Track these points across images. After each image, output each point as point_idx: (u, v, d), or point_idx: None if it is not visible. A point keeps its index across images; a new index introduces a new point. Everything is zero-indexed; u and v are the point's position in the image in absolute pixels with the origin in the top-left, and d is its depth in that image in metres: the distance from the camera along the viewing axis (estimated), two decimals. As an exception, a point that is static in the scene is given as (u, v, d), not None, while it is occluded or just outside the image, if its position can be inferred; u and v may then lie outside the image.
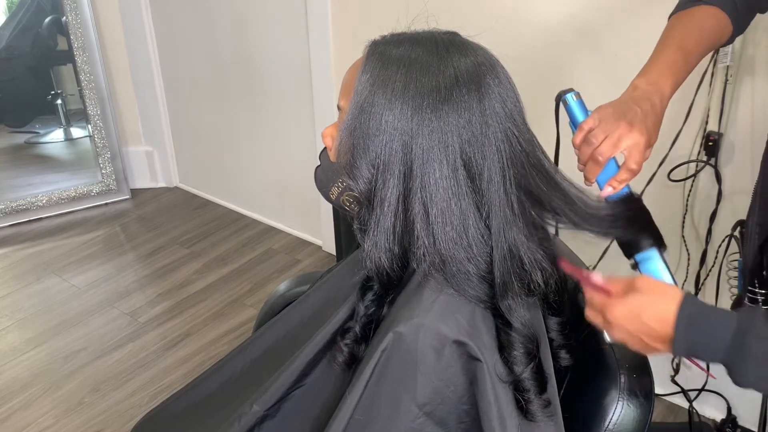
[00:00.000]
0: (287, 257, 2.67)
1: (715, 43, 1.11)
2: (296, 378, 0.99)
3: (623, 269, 1.08)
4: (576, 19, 1.73)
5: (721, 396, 1.78)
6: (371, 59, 0.85)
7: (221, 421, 1.05)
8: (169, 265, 2.64)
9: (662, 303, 0.79)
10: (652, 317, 0.79)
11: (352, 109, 0.85)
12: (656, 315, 0.79)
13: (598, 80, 1.75)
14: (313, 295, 1.13)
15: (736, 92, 1.57)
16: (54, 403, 2.02)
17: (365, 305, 0.91)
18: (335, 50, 2.29)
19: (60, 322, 2.34)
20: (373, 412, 0.86)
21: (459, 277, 0.85)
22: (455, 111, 0.81)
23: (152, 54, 2.92)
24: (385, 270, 0.88)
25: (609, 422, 0.90)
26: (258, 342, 1.16)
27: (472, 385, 0.84)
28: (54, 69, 3.20)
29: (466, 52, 0.85)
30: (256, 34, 2.54)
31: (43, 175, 3.16)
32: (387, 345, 0.84)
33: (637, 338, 0.81)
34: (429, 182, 0.82)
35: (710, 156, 1.63)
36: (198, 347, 2.21)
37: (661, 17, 1.65)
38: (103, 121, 2.97)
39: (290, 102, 2.55)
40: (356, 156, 0.85)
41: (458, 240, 0.84)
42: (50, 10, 3.00)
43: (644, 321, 0.80)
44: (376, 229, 0.86)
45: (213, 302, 2.42)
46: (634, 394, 0.91)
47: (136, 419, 1.61)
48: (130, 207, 3.05)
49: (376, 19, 2.10)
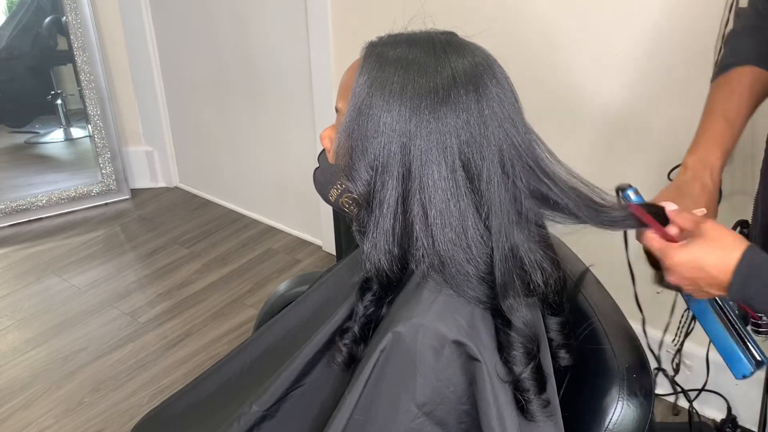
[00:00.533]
0: (287, 257, 2.67)
1: (758, 100, 1.14)
2: (295, 378, 0.99)
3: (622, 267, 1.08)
4: (575, 19, 1.73)
5: (721, 396, 1.78)
6: (368, 61, 0.85)
7: (221, 421, 1.05)
8: (169, 265, 2.64)
9: (725, 250, 0.84)
10: (713, 264, 0.84)
11: (349, 111, 0.85)
12: (717, 262, 0.84)
13: (598, 80, 1.75)
14: (313, 295, 1.13)
15: (735, 92, 1.57)
16: (54, 403, 2.02)
17: (364, 305, 0.91)
18: (335, 50, 2.29)
19: (60, 322, 2.34)
20: (373, 412, 0.86)
21: (458, 278, 0.85)
22: (453, 112, 0.81)
23: (152, 54, 2.92)
24: (384, 271, 0.88)
25: (609, 422, 0.90)
26: (257, 342, 1.16)
27: (471, 386, 0.84)
28: (54, 69, 3.19)
29: (464, 52, 0.85)
30: (256, 34, 2.54)
31: (43, 175, 3.16)
32: (386, 345, 0.84)
33: (693, 283, 0.87)
34: (428, 183, 0.82)
35: (710, 156, 1.63)
36: (198, 347, 2.21)
37: (661, 17, 1.65)
38: (103, 121, 2.97)
39: (290, 102, 2.55)
40: (354, 158, 0.85)
41: (457, 241, 0.84)
42: (50, 10, 2.99)
43: (704, 268, 0.85)
44: (375, 231, 0.86)
45: (213, 302, 2.42)
46: (634, 394, 0.91)
47: (136, 419, 1.61)
48: (130, 207, 3.05)
49: (376, 19, 2.10)
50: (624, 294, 1.09)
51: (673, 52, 1.62)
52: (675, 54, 1.62)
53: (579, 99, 1.79)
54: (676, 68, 1.63)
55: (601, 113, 1.77)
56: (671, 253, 0.87)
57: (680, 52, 1.61)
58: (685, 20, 1.58)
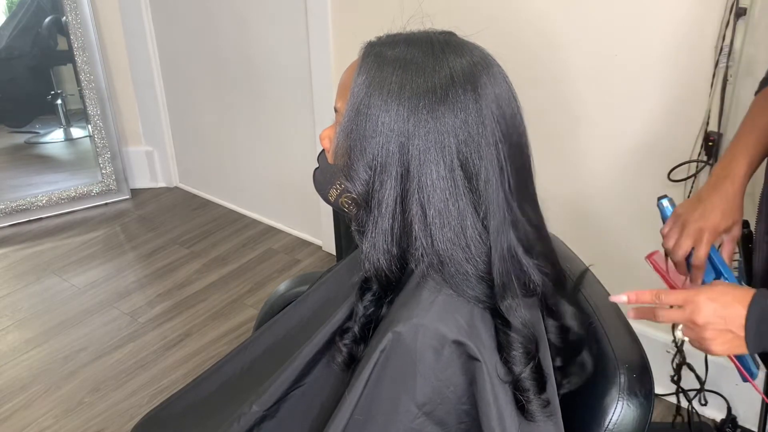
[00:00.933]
0: (287, 257, 2.67)
1: None
2: (295, 378, 0.99)
3: (622, 267, 1.08)
4: (574, 18, 1.73)
5: (721, 396, 1.78)
6: (367, 61, 0.85)
7: (221, 421, 1.05)
8: (169, 265, 2.64)
9: (734, 303, 0.85)
10: (730, 320, 0.84)
11: (348, 111, 0.85)
12: (730, 314, 0.84)
13: (598, 80, 1.75)
14: (313, 295, 1.13)
15: (736, 92, 1.57)
16: (54, 403, 2.02)
17: (364, 306, 0.91)
18: (335, 50, 2.29)
19: (60, 322, 2.34)
20: (373, 412, 0.86)
21: (457, 278, 0.85)
22: (451, 111, 0.81)
23: (152, 54, 2.92)
24: (383, 271, 0.88)
25: (609, 422, 0.90)
26: (258, 342, 1.16)
27: (471, 385, 0.84)
28: (54, 69, 3.20)
29: (462, 52, 0.85)
30: (256, 34, 2.54)
31: (43, 175, 3.16)
32: (386, 345, 0.84)
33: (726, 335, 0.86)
34: (426, 183, 0.82)
35: (710, 156, 1.63)
36: (198, 347, 2.21)
37: (661, 17, 1.65)
38: (103, 121, 2.97)
39: (290, 102, 2.55)
40: (353, 158, 0.85)
41: (456, 240, 0.83)
42: (50, 10, 2.99)
43: (726, 321, 0.84)
44: (374, 231, 0.86)
45: (213, 302, 2.42)
46: (634, 394, 0.91)
47: (136, 419, 1.62)
48: (130, 207, 3.05)
49: (377, 19, 2.09)
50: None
51: (672, 52, 1.62)
52: (675, 54, 1.62)
53: (578, 99, 1.79)
54: (676, 68, 1.63)
55: (600, 113, 1.77)
56: (698, 310, 0.86)
57: (680, 53, 1.61)
58: (685, 20, 1.58)
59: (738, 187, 1.08)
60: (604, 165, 1.82)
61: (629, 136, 1.76)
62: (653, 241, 1.71)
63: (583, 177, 1.85)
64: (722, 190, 1.08)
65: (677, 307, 0.88)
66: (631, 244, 1.81)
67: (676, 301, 0.88)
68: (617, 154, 1.79)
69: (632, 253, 1.84)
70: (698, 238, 1.06)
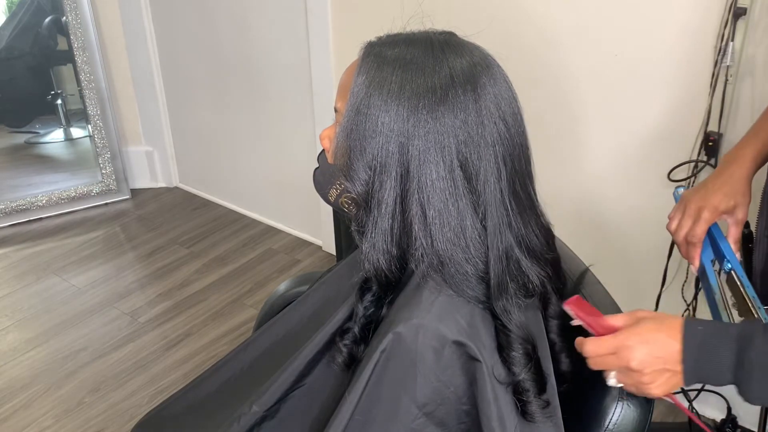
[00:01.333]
0: (287, 257, 2.67)
1: None
2: (295, 378, 0.99)
3: (622, 267, 1.08)
4: (574, 18, 1.73)
5: (721, 396, 1.78)
6: (367, 61, 0.85)
7: (221, 421, 1.05)
8: (169, 265, 2.64)
9: (667, 340, 0.80)
10: (667, 359, 0.80)
11: (348, 111, 0.85)
12: (665, 352, 0.80)
13: (597, 80, 1.75)
14: (313, 296, 1.13)
15: (736, 92, 1.57)
16: (54, 403, 2.02)
17: (364, 306, 0.91)
18: (335, 50, 2.29)
19: (60, 322, 2.34)
20: (373, 413, 0.86)
21: (457, 278, 0.85)
22: (451, 111, 0.81)
23: (152, 54, 2.92)
24: (383, 271, 0.87)
25: (609, 422, 0.90)
26: (258, 342, 1.16)
27: (471, 386, 0.84)
28: (54, 69, 3.19)
29: (462, 52, 0.85)
30: (256, 34, 2.54)
31: (43, 175, 3.16)
32: (386, 346, 0.84)
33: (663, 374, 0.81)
34: (426, 183, 0.82)
35: (710, 156, 1.63)
36: (198, 347, 2.21)
37: (661, 17, 1.65)
38: (103, 121, 2.97)
39: (290, 102, 2.55)
40: (353, 158, 0.85)
41: (456, 241, 0.83)
42: (50, 10, 2.99)
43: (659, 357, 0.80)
44: (373, 231, 0.86)
45: (213, 302, 2.42)
46: (634, 394, 0.91)
47: (136, 419, 1.62)
48: (130, 207, 3.05)
49: (377, 19, 2.09)
50: (624, 293, 1.09)
51: (673, 52, 1.62)
52: (675, 54, 1.62)
53: (578, 99, 1.79)
54: (676, 68, 1.63)
55: (600, 113, 1.77)
56: (629, 352, 0.81)
57: (680, 53, 1.61)
58: (685, 21, 1.58)
59: (745, 171, 1.08)
60: (604, 165, 1.82)
61: (629, 136, 1.76)
62: (653, 240, 1.71)
63: (583, 177, 1.85)
64: (727, 173, 1.08)
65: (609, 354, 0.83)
66: (631, 244, 1.81)
67: (607, 349, 0.83)
68: (617, 154, 1.79)
69: (632, 253, 1.84)
70: (697, 217, 1.06)
